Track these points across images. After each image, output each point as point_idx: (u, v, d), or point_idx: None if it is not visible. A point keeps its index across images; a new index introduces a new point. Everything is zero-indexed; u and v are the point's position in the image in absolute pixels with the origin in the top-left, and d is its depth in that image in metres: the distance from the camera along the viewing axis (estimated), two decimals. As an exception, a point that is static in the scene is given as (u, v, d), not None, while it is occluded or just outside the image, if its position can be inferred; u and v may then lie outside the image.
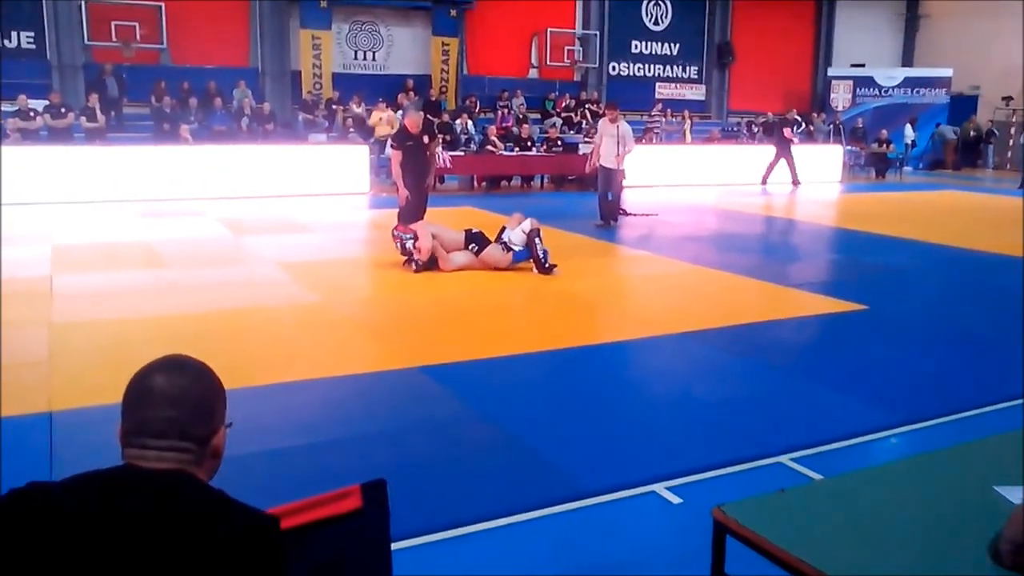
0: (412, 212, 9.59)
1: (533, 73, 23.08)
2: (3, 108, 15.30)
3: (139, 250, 9.44)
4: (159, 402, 1.48)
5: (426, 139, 9.76)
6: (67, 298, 7.12)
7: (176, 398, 1.48)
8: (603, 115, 13.12)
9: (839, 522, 1.95)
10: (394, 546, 3.02)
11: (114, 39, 18.23)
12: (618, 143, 11.95)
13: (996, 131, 25.18)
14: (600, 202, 12.23)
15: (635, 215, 12.85)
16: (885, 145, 22.01)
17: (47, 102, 15.67)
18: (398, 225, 9.02)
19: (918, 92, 24.81)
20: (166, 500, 1.41)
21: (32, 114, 15.26)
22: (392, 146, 9.80)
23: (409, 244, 8.61)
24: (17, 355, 5.59)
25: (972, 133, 25.30)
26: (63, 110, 15.59)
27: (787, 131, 18.91)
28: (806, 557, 1.77)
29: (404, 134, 9.68)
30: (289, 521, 1.87)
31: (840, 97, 24.95)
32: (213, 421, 1.54)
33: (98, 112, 15.85)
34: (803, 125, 22.26)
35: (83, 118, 15.75)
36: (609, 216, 12.10)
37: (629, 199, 14.98)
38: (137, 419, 1.48)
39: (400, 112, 17.94)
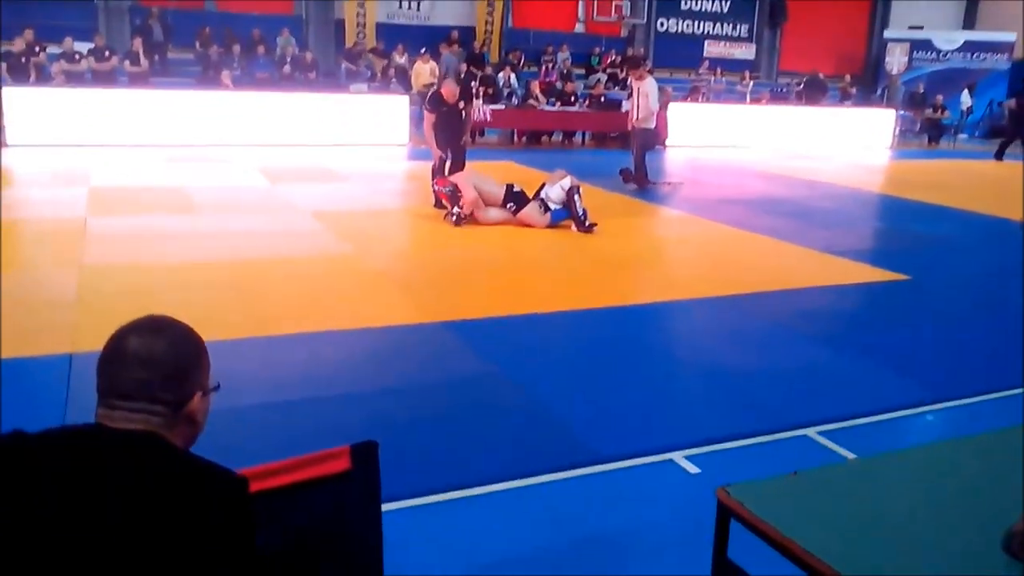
0: (450, 169, 9.48)
1: (579, 28, 22.65)
2: (49, 50, 15.37)
3: (174, 195, 9.46)
4: (130, 363, 1.43)
5: (462, 104, 9.59)
6: (100, 240, 7.15)
7: (147, 360, 1.44)
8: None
9: (854, 511, 1.82)
10: (399, 504, 3.00)
11: (161, -18, 18.20)
12: (638, 102, 11.64)
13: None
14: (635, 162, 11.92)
15: (656, 183, 12.22)
16: (940, 111, 21.33)
17: (92, 45, 15.71)
18: (437, 179, 8.91)
19: (978, 57, 23.93)
20: (130, 459, 1.36)
21: (77, 57, 15.31)
22: (426, 108, 9.61)
23: (449, 194, 8.51)
24: (46, 295, 5.63)
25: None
26: (107, 53, 15.61)
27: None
28: (814, 549, 1.65)
29: (439, 100, 9.48)
30: (274, 481, 1.80)
31: (896, 60, 24.14)
32: (186, 386, 1.48)
33: (141, 56, 15.86)
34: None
35: (127, 62, 15.78)
36: (630, 179, 11.74)
37: (670, 160, 14.76)
38: (108, 379, 1.45)
39: (442, 61, 17.78)
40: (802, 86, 21.38)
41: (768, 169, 14.55)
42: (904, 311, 6.25)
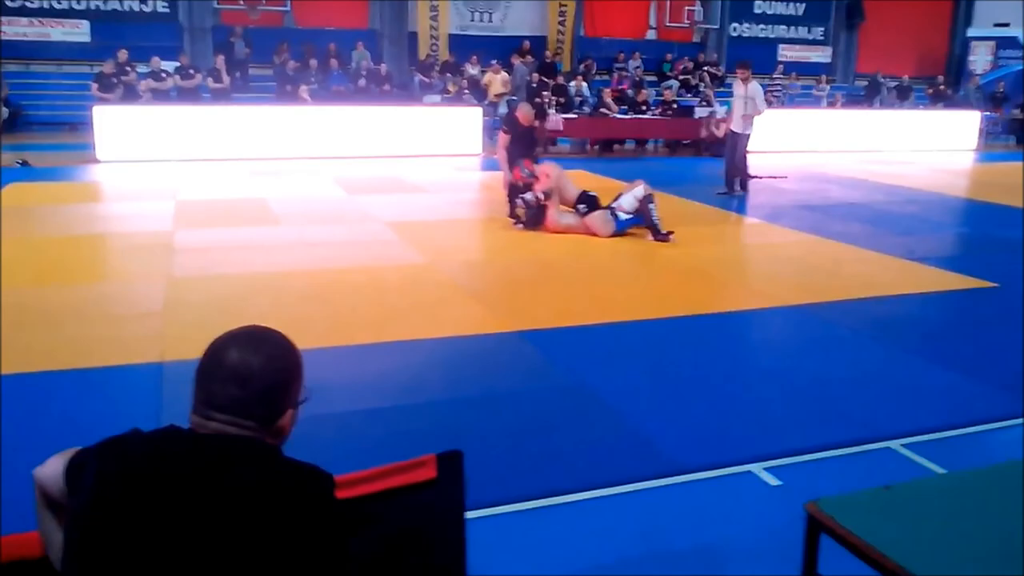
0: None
1: (651, 34, 22.53)
2: (138, 69, 15.96)
3: (256, 207, 9.72)
4: (227, 377, 1.45)
5: (537, 123, 9.71)
6: (186, 252, 7.39)
7: (244, 377, 1.45)
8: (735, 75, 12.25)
9: (950, 526, 1.77)
10: (477, 514, 3.02)
11: (241, 2, 18.73)
12: (745, 104, 11.46)
13: None
14: (726, 168, 11.80)
15: (761, 178, 12.18)
16: (1028, 111, 20.55)
17: (177, 63, 16.26)
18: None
19: (1069, 54, 23.00)
20: (223, 459, 1.41)
21: (163, 75, 15.86)
22: (503, 130, 9.71)
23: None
24: (135, 306, 5.85)
25: None
26: (191, 71, 16.14)
27: None
28: (909, 565, 1.61)
29: (515, 122, 9.57)
30: (362, 489, 1.85)
31: (980, 59, 23.37)
32: (281, 403, 1.50)
33: (223, 73, 16.35)
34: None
35: (210, 79, 16.28)
36: (732, 183, 11.65)
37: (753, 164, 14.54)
38: (205, 390, 1.47)
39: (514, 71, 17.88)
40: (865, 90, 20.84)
41: (847, 174, 14.24)
42: (992, 319, 6.05)
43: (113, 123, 13.46)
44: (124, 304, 5.91)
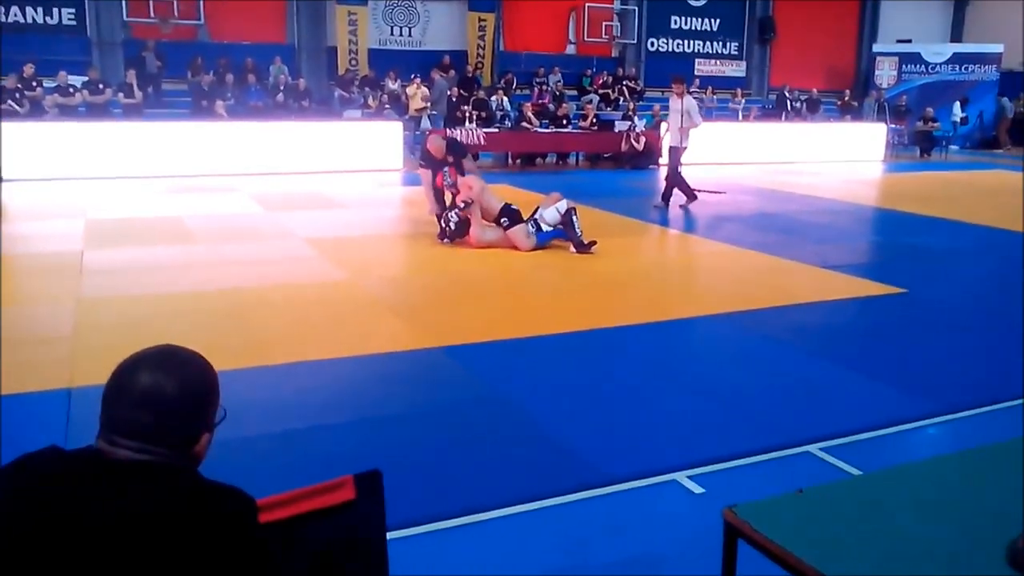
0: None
1: (571, 49, 22.78)
2: (44, 84, 15.42)
3: (171, 225, 9.46)
4: (136, 402, 1.36)
5: (450, 159, 9.48)
6: (97, 273, 7.14)
7: (154, 401, 1.36)
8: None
9: (862, 527, 1.81)
10: (402, 533, 2.98)
11: (152, 15, 18.29)
12: (681, 118, 11.65)
13: (1048, 109, 24.37)
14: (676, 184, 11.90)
15: (703, 191, 12.29)
16: (930, 123, 21.43)
17: (86, 78, 15.77)
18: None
19: (966, 69, 24.07)
20: (143, 480, 1.34)
21: (71, 90, 15.35)
22: (421, 165, 9.67)
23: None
24: (42, 330, 5.63)
25: (1023, 110, 24.49)
26: (101, 86, 15.66)
27: None
28: (823, 568, 1.64)
29: (430, 156, 9.50)
30: (279, 512, 1.79)
31: (885, 74, 24.28)
32: (194, 428, 1.42)
33: (135, 88, 15.92)
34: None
35: (121, 94, 15.83)
36: (667, 196, 11.78)
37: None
38: (111, 416, 1.38)
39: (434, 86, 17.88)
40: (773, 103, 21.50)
41: (763, 185, 14.61)
42: (902, 324, 6.25)
43: (18, 140, 12.94)
44: (30, 328, 5.67)
